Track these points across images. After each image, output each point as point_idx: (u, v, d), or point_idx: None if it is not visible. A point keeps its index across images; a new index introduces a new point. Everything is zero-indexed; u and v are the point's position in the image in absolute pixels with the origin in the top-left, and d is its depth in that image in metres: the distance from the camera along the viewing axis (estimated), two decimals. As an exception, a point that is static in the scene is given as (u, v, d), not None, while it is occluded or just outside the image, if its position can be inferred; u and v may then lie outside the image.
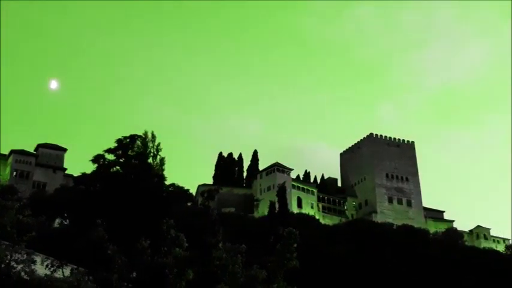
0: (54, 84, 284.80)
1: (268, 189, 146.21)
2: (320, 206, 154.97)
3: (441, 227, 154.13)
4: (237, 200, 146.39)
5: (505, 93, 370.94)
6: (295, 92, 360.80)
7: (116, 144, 79.54)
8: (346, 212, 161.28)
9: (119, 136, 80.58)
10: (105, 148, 79.74)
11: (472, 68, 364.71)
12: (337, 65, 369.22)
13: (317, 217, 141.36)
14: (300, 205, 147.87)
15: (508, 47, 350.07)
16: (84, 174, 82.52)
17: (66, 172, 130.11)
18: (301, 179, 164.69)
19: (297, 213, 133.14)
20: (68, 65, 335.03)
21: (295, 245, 37.32)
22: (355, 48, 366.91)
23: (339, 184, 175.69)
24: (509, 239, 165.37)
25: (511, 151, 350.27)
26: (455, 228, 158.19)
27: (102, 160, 78.77)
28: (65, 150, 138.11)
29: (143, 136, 78.80)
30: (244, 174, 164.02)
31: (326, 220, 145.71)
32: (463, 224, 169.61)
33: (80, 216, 65.95)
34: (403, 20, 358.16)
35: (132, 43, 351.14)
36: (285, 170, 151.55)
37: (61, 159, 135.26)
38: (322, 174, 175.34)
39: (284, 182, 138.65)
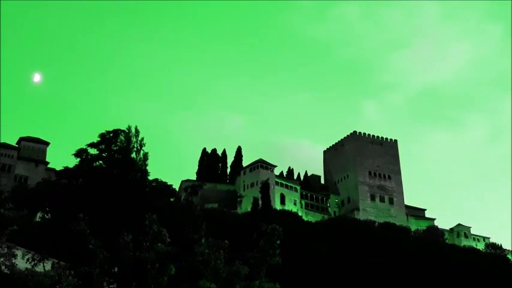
0: (37, 78, 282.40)
1: (252, 185, 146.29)
2: (303, 202, 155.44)
3: (422, 225, 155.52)
4: (220, 196, 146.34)
5: (487, 93, 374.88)
6: (280, 89, 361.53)
7: (99, 139, 79.02)
8: (329, 209, 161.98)
9: (102, 130, 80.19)
10: (88, 142, 79.32)
11: (454, 68, 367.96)
12: (321, 63, 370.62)
13: (300, 214, 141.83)
14: (283, 202, 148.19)
15: (490, 48, 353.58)
16: (66, 168, 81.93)
17: (49, 166, 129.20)
18: (285, 175, 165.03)
19: (280, 210, 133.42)
20: (52, 59, 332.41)
21: (278, 242, 37.39)
22: (339, 46, 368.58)
23: (322, 181, 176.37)
24: (489, 238, 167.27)
25: (491, 151, 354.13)
26: (436, 227, 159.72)
27: (84, 154, 78.25)
28: (47, 144, 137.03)
29: (126, 131, 78.18)
30: (228, 170, 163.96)
31: (309, 217, 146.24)
32: (444, 223, 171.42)
33: (61, 210, 65.53)
34: (387, 19, 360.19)
35: (117, 38, 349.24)
36: (269, 166, 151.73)
37: (43, 153, 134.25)
38: (306, 171, 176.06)
39: (267, 179, 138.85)
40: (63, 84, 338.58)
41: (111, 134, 79.03)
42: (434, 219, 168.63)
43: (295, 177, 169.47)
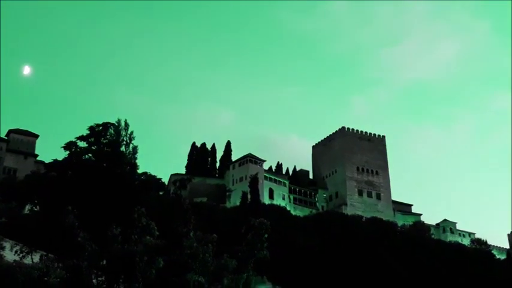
0: (27, 70, 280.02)
1: (241, 180, 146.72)
2: (291, 197, 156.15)
3: (409, 221, 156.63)
4: (209, 190, 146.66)
5: (474, 89, 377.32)
6: (269, 84, 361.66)
7: (89, 132, 79.08)
8: (317, 203, 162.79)
9: (92, 123, 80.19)
10: (78, 135, 79.31)
11: (442, 65, 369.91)
12: (311, 58, 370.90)
13: (288, 208, 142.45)
14: (271, 196, 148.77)
15: (478, 45, 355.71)
16: (55, 161, 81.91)
17: (38, 158, 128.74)
18: (274, 170, 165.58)
19: (268, 204, 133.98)
20: (42, 51, 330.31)
21: (266, 236, 37.82)
22: (328, 42, 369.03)
23: (311, 176, 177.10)
24: (474, 233, 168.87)
25: (478, 147, 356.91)
26: (423, 222, 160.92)
27: (74, 147, 78.28)
28: (36, 136, 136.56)
29: (116, 124, 78.27)
30: (217, 164, 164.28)
31: (297, 211, 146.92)
32: (430, 218, 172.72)
33: (50, 203, 65.58)
34: (376, 15, 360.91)
35: (108, 32, 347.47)
36: (258, 161, 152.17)
37: (32, 146, 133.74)
38: (294, 166, 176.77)
39: (256, 173, 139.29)
40: (53, 77, 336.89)
41: (101, 127, 79.10)
42: (421, 214, 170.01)
43: (283, 172, 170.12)
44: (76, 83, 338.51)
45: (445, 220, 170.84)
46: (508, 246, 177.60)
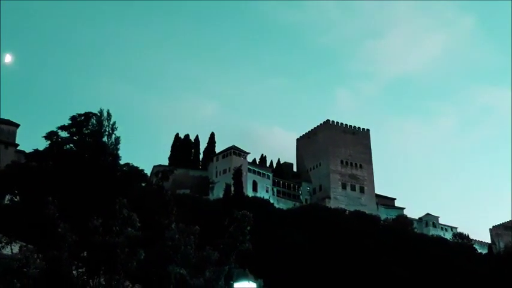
0: (8, 58, 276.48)
1: (224, 172, 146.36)
2: (275, 190, 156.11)
3: (392, 214, 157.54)
4: (192, 182, 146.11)
5: (458, 84, 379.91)
6: (253, 75, 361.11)
7: (70, 122, 78.12)
8: (301, 196, 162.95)
9: (74, 113, 79.24)
10: (59, 125, 78.30)
11: (427, 59, 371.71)
12: (295, 49, 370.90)
13: (272, 201, 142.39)
14: (255, 189, 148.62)
15: (462, 40, 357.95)
16: (36, 151, 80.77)
17: (18, 148, 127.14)
18: (257, 163, 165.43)
19: (252, 197, 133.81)
20: (23, 40, 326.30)
21: (248, 228, 37.51)
22: (313, 34, 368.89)
23: (295, 169, 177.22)
24: (456, 228, 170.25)
25: (461, 141, 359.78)
26: (406, 216, 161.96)
27: (55, 137, 77.24)
28: (17, 125, 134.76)
29: (98, 114, 77.33)
30: (201, 156, 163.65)
31: (280, 204, 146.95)
32: (413, 212, 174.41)
33: (31, 193, 64.70)
34: (361, 8, 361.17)
35: (90, 20, 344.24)
36: (242, 153, 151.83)
37: (13, 135, 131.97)
38: (278, 159, 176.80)
39: (240, 166, 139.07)
40: (35, 66, 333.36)
41: (83, 117, 78.16)
42: (404, 208, 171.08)
43: (267, 164, 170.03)
44: (58, 72, 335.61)
45: (427, 214, 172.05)
46: (489, 241, 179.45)
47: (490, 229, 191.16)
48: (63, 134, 77.65)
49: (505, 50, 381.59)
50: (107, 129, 75.93)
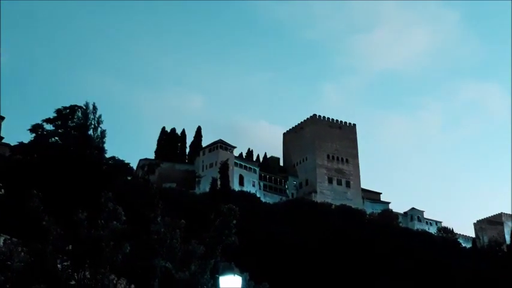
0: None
1: (211, 166, 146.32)
2: (261, 184, 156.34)
3: (377, 209, 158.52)
4: (178, 176, 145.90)
5: (443, 79, 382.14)
6: (239, 69, 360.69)
7: (56, 115, 77.62)
8: (287, 191, 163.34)
9: (59, 106, 78.75)
10: (44, 118, 77.78)
11: (412, 54, 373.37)
12: (282, 43, 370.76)
13: (258, 195, 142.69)
14: (241, 183, 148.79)
15: (448, 35, 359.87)
16: (21, 144, 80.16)
17: (3, 141, 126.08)
18: (244, 157, 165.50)
19: (238, 191, 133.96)
20: (9, 31, 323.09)
21: (234, 221, 37.44)
22: (300, 28, 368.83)
23: (281, 163, 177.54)
24: (441, 222, 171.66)
25: (446, 136, 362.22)
26: (391, 210, 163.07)
27: (40, 130, 76.71)
28: (2, 118, 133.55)
29: (84, 107, 76.85)
30: (187, 150, 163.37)
31: (267, 198, 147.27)
32: (398, 206, 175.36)
33: (15, 186, 64.23)
34: (348, 3, 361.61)
35: (75, 13, 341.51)
36: (228, 147, 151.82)
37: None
38: (265, 153, 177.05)
39: (227, 160, 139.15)
40: (20, 58, 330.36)
41: (68, 110, 77.68)
42: (389, 202, 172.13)
43: (254, 158, 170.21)
44: (44, 65, 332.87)
45: (412, 209, 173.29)
46: (473, 235, 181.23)
47: (474, 223, 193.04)
48: (49, 126, 77.16)
49: (490, 45, 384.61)
50: (93, 122, 75.52)
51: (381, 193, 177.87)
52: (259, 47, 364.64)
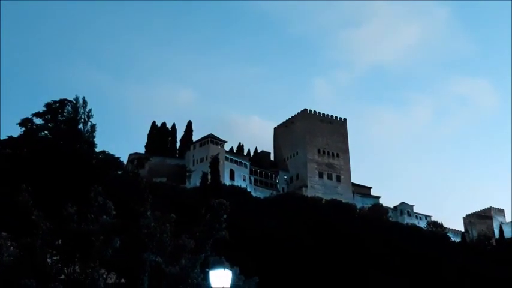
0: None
1: (201, 160, 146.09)
2: (252, 178, 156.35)
3: (368, 203, 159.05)
4: (169, 171, 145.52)
5: (433, 73, 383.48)
6: (230, 64, 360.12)
7: (45, 109, 77.34)
8: (278, 185, 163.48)
9: (49, 100, 78.43)
10: (34, 112, 77.47)
11: (403, 49, 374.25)
12: (272, 38, 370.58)
13: (249, 190, 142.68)
14: (232, 177, 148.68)
15: (437, 29, 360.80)
16: (10, 138, 79.79)
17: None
18: (235, 151, 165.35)
19: (229, 185, 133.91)
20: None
21: (224, 216, 37.41)
22: (290, 22, 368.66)
23: (272, 158, 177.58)
24: (431, 216, 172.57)
25: (435, 131, 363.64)
26: (381, 204, 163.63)
27: (30, 124, 76.46)
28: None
29: (74, 101, 76.59)
30: (178, 144, 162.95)
31: (257, 193, 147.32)
32: (388, 201, 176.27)
33: (5, 180, 63.93)
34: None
35: (64, 6, 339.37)
36: (219, 141, 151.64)
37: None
38: (256, 148, 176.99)
39: (217, 154, 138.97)
40: (9, 52, 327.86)
41: (58, 104, 77.40)
42: (379, 197, 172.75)
43: (245, 153, 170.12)
44: (33, 58, 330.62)
45: (402, 203, 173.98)
46: (463, 229, 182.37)
47: (463, 218, 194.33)
48: (38, 121, 76.97)
49: (480, 40, 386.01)
50: (83, 117, 75.40)
51: (371, 187, 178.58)
52: (250, 41, 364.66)
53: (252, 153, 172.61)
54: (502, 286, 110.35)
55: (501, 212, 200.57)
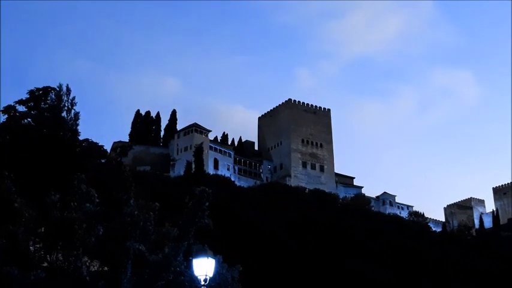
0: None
1: (186, 149, 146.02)
2: (236, 168, 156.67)
3: (350, 193, 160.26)
4: (153, 159, 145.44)
5: (417, 65, 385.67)
6: (215, 53, 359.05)
7: (28, 96, 76.69)
8: (261, 174, 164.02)
9: (32, 87, 77.79)
10: (17, 99, 76.84)
11: (387, 40, 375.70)
12: (257, 28, 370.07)
13: (233, 179, 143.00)
14: (216, 166, 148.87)
15: (421, 21, 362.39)
16: (-8, 125, 78.98)
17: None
18: (219, 140, 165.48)
19: (213, 175, 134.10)
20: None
21: (207, 204, 37.66)
22: (275, 12, 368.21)
23: (256, 147, 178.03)
24: (412, 206, 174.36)
25: (419, 122, 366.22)
26: (364, 194, 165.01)
27: (12, 111, 75.70)
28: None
29: (57, 89, 75.95)
30: (162, 133, 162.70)
31: (241, 182, 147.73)
32: (370, 191, 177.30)
33: (-14, 168, 63.39)
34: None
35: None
36: (203, 131, 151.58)
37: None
38: (240, 137, 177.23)
39: (201, 143, 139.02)
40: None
41: (41, 92, 76.74)
42: (362, 187, 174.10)
43: (229, 142, 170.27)
44: (16, 46, 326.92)
45: (384, 193, 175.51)
46: (443, 219, 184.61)
47: (444, 208, 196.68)
48: (21, 108, 76.18)
49: (463, 32, 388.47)
50: (66, 104, 74.77)
51: (354, 178, 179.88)
52: (235, 31, 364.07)
53: (236, 143, 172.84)
54: (482, 275, 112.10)
55: (481, 202, 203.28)
